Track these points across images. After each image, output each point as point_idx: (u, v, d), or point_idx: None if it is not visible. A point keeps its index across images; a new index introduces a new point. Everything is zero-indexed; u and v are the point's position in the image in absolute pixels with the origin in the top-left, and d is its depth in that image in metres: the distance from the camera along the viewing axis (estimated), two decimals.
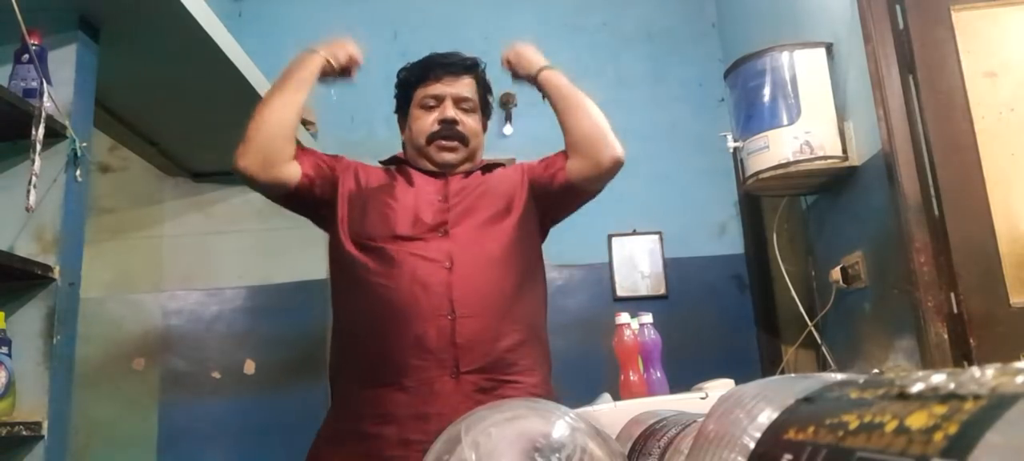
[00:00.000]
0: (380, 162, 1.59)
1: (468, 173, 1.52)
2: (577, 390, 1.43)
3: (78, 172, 1.65)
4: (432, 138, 1.49)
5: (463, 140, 1.50)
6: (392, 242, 1.36)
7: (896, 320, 1.93)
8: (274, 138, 1.42)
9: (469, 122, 1.51)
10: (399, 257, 1.34)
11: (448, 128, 1.48)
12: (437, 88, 1.51)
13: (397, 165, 1.54)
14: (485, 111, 1.59)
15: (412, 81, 1.55)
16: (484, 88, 1.58)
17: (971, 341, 1.74)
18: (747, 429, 0.36)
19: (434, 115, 1.50)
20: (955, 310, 1.78)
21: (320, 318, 2.87)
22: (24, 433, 1.45)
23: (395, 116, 1.63)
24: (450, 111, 1.49)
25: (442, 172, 1.50)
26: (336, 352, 1.44)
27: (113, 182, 2.99)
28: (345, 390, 1.38)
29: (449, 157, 1.49)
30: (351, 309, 1.40)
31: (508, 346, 1.32)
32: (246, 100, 2.35)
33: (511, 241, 1.42)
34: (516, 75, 1.55)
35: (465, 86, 1.53)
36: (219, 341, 2.87)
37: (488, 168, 1.57)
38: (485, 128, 1.61)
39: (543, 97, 1.52)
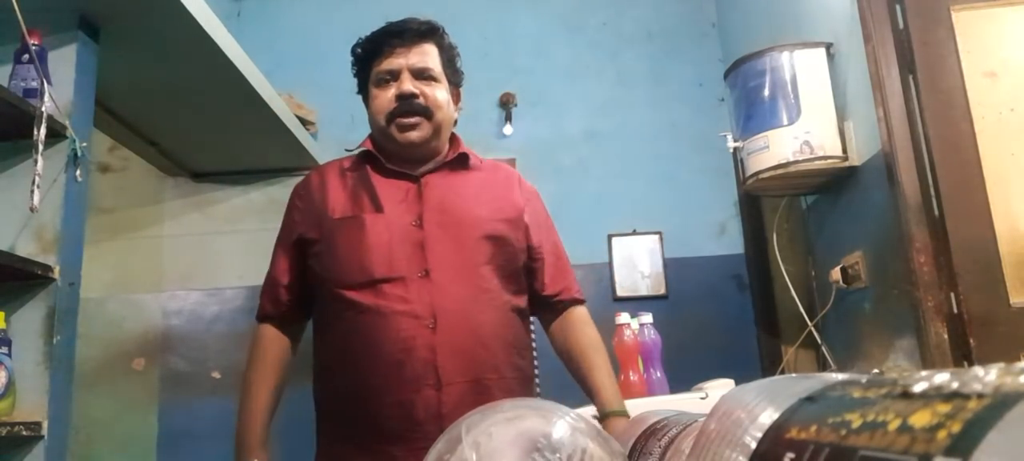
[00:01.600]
0: (347, 151, 1.49)
1: (440, 165, 1.41)
2: (577, 390, 1.43)
3: (78, 172, 1.65)
4: (391, 117, 1.36)
5: (426, 113, 1.36)
6: (370, 290, 1.28)
7: (896, 320, 1.93)
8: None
9: (431, 93, 1.37)
10: (380, 309, 1.27)
11: (407, 103, 1.35)
12: (392, 61, 1.37)
13: (366, 159, 1.43)
14: (453, 79, 1.44)
15: (366, 57, 1.42)
16: (448, 53, 1.43)
17: (971, 341, 1.74)
18: (749, 428, 0.36)
19: (391, 91, 1.36)
20: (955, 310, 1.78)
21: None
22: (24, 433, 1.45)
23: None
24: (407, 85, 1.35)
25: (413, 172, 1.38)
26: (322, 399, 1.38)
27: (113, 182, 2.99)
28: (332, 451, 1.34)
29: (413, 136, 1.36)
30: (336, 361, 1.34)
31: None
32: (246, 100, 2.35)
33: (496, 286, 1.34)
34: None
35: (423, 54, 1.38)
36: (219, 341, 2.87)
37: (463, 161, 1.44)
38: (457, 99, 1.46)
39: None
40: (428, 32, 1.40)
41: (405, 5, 1.57)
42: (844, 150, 2.12)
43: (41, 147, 1.48)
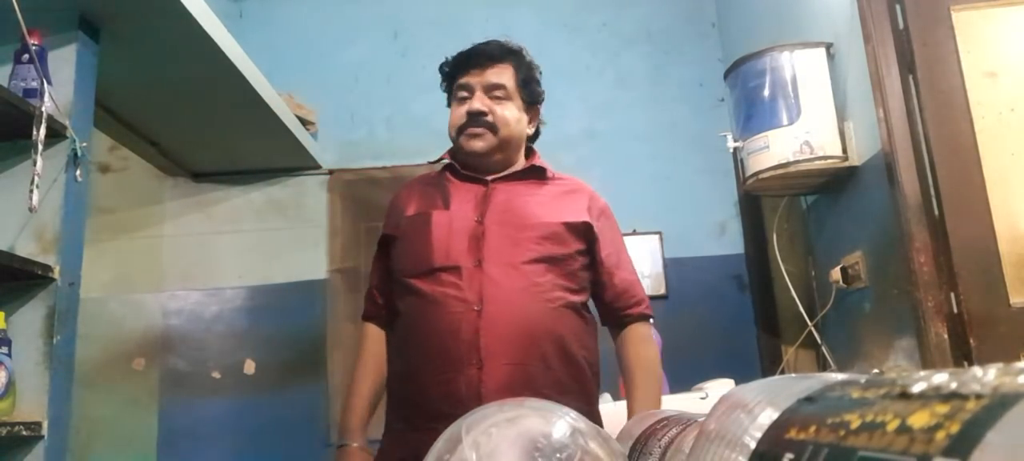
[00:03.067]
0: (430, 163, 1.64)
1: (510, 176, 1.50)
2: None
3: (78, 172, 1.65)
4: (460, 130, 1.47)
5: (491, 128, 1.46)
6: (429, 278, 1.38)
7: (896, 320, 1.93)
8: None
9: (500, 111, 1.47)
10: (434, 295, 1.36)
11: (474, 119, 1.45)
12: (468, 79, 1.49)
13: (446, 167, 1.55)
14: (528, 98, 1.54)
15: (449, 74, 1.54)
16: (525, 73, 1.53)
17: (971, 341, 1.74)
18: (748, 428, 0.36)
19: (465, 107, 1.48)
20: (955, 310, 1.78)
21: (320, 318, 2.87)
22: (24, 433, 1.45)
23: (395, 116, 1.63)
24: (477, 102, 1.46)
25: (482, 176, 1.48)
26: (389, 381, 1.47)
27: (113, 182, 2.99)
28: (393, 428, 1.42)
29: (476, 145, 1.46)
30: (399, 345, 1.45)
31: (536, 392, 1.27)
32: (246, 100, 2.36)
33: (549, 282, 1.38)
34: None
35: (497, 73, 1.49)
36: (219, 341, 2.87)
37: (536, 172, 1.53)
38: (534, 116, 1.58)
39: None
40: (505, 54, 1.51)
41: (406, 6, 1.56)
42: (844, 150, 2.12)
43: (41, 147, 1.48)
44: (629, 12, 3.21)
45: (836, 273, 2.22)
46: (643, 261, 2.90)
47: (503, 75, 1.49)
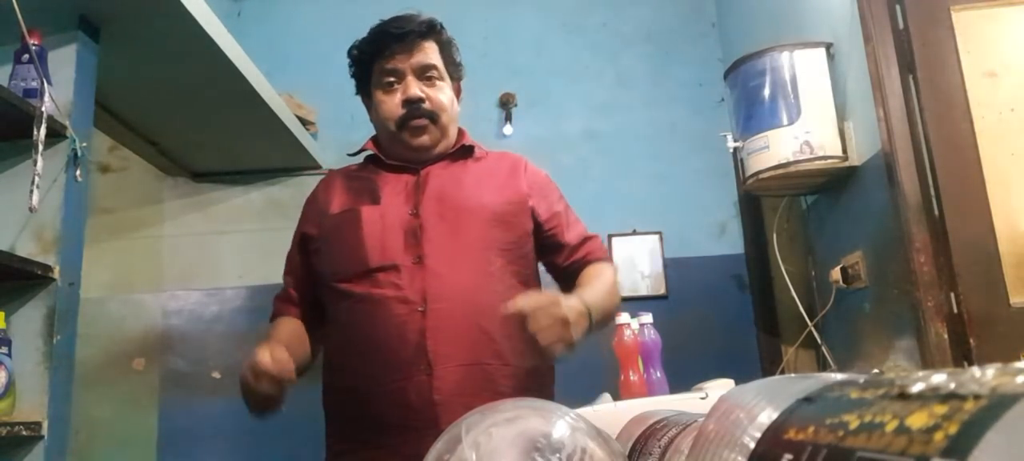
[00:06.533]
0: (349, 155, 1.51)
1: (442, 157, 1.40)
2: (577, 390, 1.43)
3: (78, 172, 1.65)
4: (402, 123, 1.35)
5: (432, 117, 1.35)
6: (365, 279, 1.27)
7: (896, 320, 1.93)
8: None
9: (436, 95, 1.36)
10: (372, 298, 1.25)
11: (415, 108, 1.34)
12: (394, 62, 1.35)
13: (369, 158, 1.44)
14: (454, 75, 1.43)
15: (366, 58, 1.39)
16: (448, 49, 1.42)
17: (971, 341, 1.74)
18: (747, 429, 0.36)
19: (397, 95, 1.35)
20: (955, 310, 1.78)
21: None
22: (24, 433, 1.45)
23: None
24: (413, 89, 1.34)
25: (411, 164, 1.38)
26: (326, 397, 1.35)
27: (113, 182, 2.99)
28: (335, 450, 1.32)
29: (424, 140, 1.36)
30: (336, 356, 1.33)
31: (495, 392, 1.19)
32: (246, 100, 2.36)
33: (501, 270, 1.29)
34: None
35: (426, 53, 1.37)
36: (219, 341, 2.87)
37: (466, 152, 1.43)
38: (458, 94, 1.46)
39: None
40: (428, 31, 1.38)
41: (406, 6, 1.56)
42: (844, 150, 2.12)
43: (41, 147, 1.48)
44: (629, 12, 3.21)
45: (836, 273, 2.22)
46: (643, 261, 2.90)
47: (431, 54, 1.37)
